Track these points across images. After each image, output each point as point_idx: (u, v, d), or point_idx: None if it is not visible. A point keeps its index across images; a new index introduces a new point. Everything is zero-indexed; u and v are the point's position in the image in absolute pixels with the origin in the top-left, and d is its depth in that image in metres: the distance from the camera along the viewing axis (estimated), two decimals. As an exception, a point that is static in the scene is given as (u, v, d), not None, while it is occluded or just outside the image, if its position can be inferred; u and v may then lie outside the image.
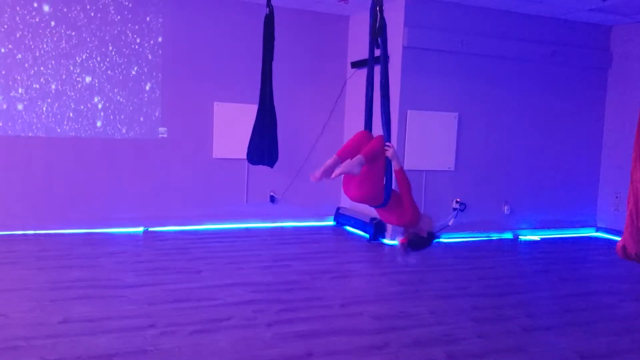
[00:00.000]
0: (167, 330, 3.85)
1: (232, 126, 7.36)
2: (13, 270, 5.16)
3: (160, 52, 7.08)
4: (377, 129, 3.87)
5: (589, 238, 7.92)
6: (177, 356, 3.46)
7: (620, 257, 3.67)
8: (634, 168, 3.56)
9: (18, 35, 6.48)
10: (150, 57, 7.03)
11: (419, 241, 3.80)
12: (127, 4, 6.88)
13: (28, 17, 6.50)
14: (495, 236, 7.60)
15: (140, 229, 7.12)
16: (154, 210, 7.20)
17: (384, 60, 3.81)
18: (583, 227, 8.10)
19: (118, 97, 6.94)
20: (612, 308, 4.78)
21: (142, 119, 7.07)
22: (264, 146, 6.42)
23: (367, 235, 7.17)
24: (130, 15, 6.91)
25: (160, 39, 7.06)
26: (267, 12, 5.93)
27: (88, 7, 6.71)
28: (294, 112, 7.62)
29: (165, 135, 7.21)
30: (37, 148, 6.70)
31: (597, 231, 8.13)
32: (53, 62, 6.64)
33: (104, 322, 3.94)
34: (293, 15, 7.54)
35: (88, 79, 6.80)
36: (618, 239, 3.85)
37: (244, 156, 6.70)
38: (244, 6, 7.33)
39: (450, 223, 7.29)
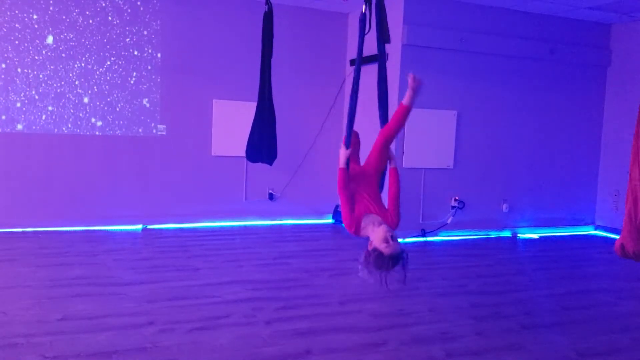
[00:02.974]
0: (166, 327, 3.85)
1: (231, 124, 7.35)
2: (12, 267, 5.17)
3: (159, 49, 7.07)
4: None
5: (588, 236, 7.93)
6: (175, 354, 3.47)
7: (619, 256, 3.67)
8: (633, 166, 3.56)
9: (18, 36, 6.47)
10: (149, 54, 7.03)
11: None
12: (126, 2, 6.87)
13: (27, 19, 6.49)
14: (493, 234, 7.61)
15: (139, 227, 7.12)
16: (152, 207, 7.20)
17: (382, 58, 3.77)
18: (582, 225, 8.11)
19: (117, 95, 6.94)
20: (611, 306, 4.78)
21: (141, 116, 7.07)
22: (262, 144, 6.41)
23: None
24: (129, 14, 6.89)
25: (159, 37, 7.06)
26: (267, 10, 5.93)
27: (87, 8, 6.70)
28: (293, 109, 7.62)
29: (164, 133, 7.21)
30: (36, 146, 6.70)
31: (595, 229, 8.14)
32: (53, 61, 6.63)
33: (103, 320, 3.94)
34: (292, 12, 7.54)
35: (87, 77, 6.79)
36: (617, 237, 3.85)
37: (243, 154, 6.69)
38: (243, 3, 7.32)
39: (448, 221, 7.30)
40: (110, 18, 6.83)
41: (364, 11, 3.70)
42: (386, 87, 3.76)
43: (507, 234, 7.69)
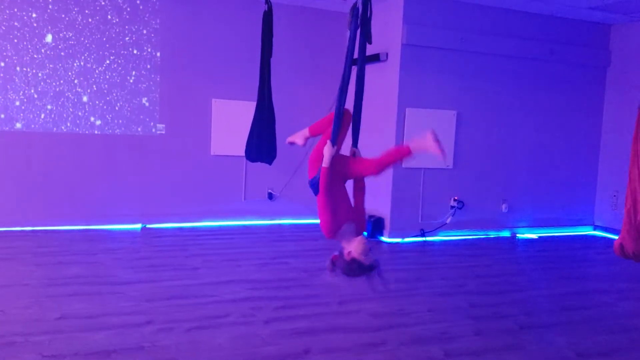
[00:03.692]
0: (164, 327, 3.84)
1: (230, 123, 7.35)
2: (11, 266, 5.16)
3: (158, 48, 7.06)
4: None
5: (587, 236, 7.93)
6: (174, 353, 3.46)
7: (618, 256, 3.68)
8: (632, 167, 3.57)
9: (17, 34, 6.46)
10: (148, 53, 7.02)
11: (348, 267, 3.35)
12: (125, 1, 6.86)
13: (26, 17, 6.48)
14: (493, 234, 7.61)
15: (138, 226, 7.11)
16: (152, 207, 7.20)
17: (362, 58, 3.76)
18: (581, 225, 8.11)
19: (116, 94, 6.93)
20: (610, 306, 4.78)
21: (140, 115, 7.06)
22: (262, 143, 6.40)
23: (365, 233, 7.16)
24: (128, 12, 6.89)
25: (158, 36, 7.05)
26: (266, 9, 5.92)
27: (86, 6, 6.69)
28: (292, 109, 7.60)
29: (163, 132, 7.20)
30: (35, 145, 6.68)
31: (594, 229, 8.14)
32: (52, 60, 6.62)
33: (102, 319, 3.94)
34: (292, 11, 7.53)
35: (87, 76, 6.78)
36: (616, 237, 3.85)
37: (242, 153, 6.67)
38: (243, 2, 7.32)
39: (448, 221, 7.30)
40: (109, 17, 6.82)
41: (357, 5, 3.67)
42: (363, 86, 3.75)
43: (506, 234, 7.69)
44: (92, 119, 6.87)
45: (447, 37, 6.98)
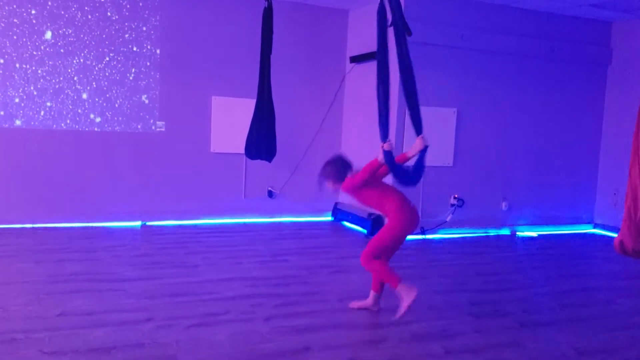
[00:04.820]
0: (164, 323, 3.84)
1: (230, 120, 7.34)
2: (11, 263, 5.16)
3: (158, 45, 7.06)
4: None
5: (587, 234, 7.94)
6: (174, 350, 3.46)
7: (618, 253, 3.67)
8: (633, 164, 3.55)
9: (16, 31, 6.45)
10: (148, 50, 7.01)
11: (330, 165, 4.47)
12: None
13: (25, 14, 6.47)
14: (492, 232, 7.61)
15: (138, 223, 7.11)
16: (151, 204, 7.20)
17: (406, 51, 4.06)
18: (581, 223, 8.12)
19: (116, 91, 6.92)
20: (610, 304, 4.79)
21: (140, 113, 7.06)
22: (262, 141, 6.42)
23: (364, 231, 7.17)
24: (128, 9, 6.87)
25: (158, 33, 7.04)
26: (266, 6, 5.92)
27: (86, 3, 6.68)
28: (292, 106, 7.61)
29: (163, 130, 7.20)
30: (35, 142, 6.68)
31: (594, 228, 8.15)
32: (51, 56, 6.61)
33: (102, 316, 3.94)
34: (292, 9, 7.52)
35: (86, 73, 6.77)
36: (616, 235, 3.85)
37: (242, 151, 6.71)
38: None
39: (448, 219, 7.30)
40: (109, 14, 6.81)
41: (383, 4, 3.86)
42: (413, 74, 4.31)
43: (506, 232, 7.69)
44: (91, 116, 6.86)
45: (447, 34, 6.97)
